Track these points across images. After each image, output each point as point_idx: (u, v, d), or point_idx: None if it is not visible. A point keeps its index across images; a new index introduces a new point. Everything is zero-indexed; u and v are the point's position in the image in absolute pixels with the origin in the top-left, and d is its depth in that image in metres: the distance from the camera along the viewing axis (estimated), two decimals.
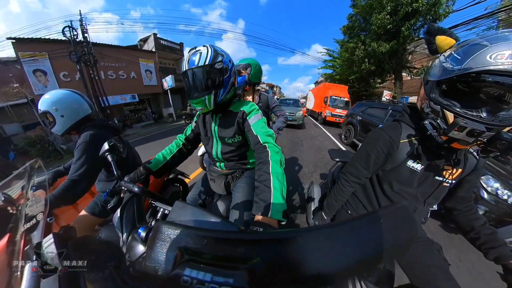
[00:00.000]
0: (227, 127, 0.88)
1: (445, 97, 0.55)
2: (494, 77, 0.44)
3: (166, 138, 7.07)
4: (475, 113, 0.49)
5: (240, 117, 0.84)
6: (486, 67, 0.44)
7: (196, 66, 0.72)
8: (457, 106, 0.52)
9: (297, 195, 2.45)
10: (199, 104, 0.76)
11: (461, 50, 0.51)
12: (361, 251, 0.17)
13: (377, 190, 0.78)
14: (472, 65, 0.47)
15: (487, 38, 0.47)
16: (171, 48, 15.68)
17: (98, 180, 1.15)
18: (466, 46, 0.50)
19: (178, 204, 0.45)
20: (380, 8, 8.60)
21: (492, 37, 0.47)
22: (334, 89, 9.98)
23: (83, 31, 8.52)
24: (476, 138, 0.48)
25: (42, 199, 0.40)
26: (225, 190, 1.03)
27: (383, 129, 0.73)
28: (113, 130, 1.16)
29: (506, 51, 0.42)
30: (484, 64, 0.45)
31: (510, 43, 0.43)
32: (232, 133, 0.87)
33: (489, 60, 0.44)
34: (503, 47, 0.43)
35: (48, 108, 0.97)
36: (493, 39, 0.46)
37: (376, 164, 0.73)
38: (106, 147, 0.69)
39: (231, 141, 0.90)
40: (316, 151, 4.62)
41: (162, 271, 0.21)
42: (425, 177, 0.68)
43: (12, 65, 9.17)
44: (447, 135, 0.53)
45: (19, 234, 0.35)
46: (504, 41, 0.44)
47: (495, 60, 0.43)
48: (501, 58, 0.43)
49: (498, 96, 0.47)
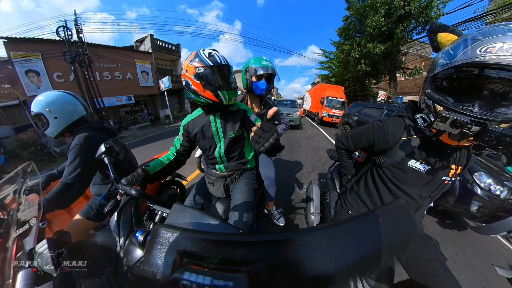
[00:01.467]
0: (232, 122, 0.94)
1: (439, 93, 0.55)
2: (482, 70, 0.44)
3: (163, 140, 7.00)
4: (466, 107, 0.49)
5: (242, 113, 0.95)
6: (474, 59, 0.44)
7: (230, 65, 0.85)
8: (449, 101, 0.52)
9: (295, 195, 2.46)
10: (234, 95, 0.87)
11: (455, 45, 0.51)
12: (361, 250, 0.17)
13: (381, 189, 0.78)
14: (462, 58, 0.46)
15: (482, 32, 0.46)
16: (168, 49, 15.58)
17: (92, 183, 1.13)
18: (460, 41, 0.50)
19: (176, 207, 0.45)
20: (373, 11, 8.80)
21: (487, 30, 0.45)
22: (331, 90, 10.10)
23: (78, 31, 8.38)
24: (460, 129, 0.47)
25: (35, 203, 0.39)
26: (224, 193, 1.02)
27: (386, 122, 0.74)
28: (108, 132, 1.14)
29: (497, 44, 0.41)
30: (474, 57, 0.44)
31: (503, 36, 0.42)
32: (237, 128, 0.94)
33: (478, 53, 0.43)
34: (495, 41, 0.42)
35: (41, 110, 0.95)
36: (487, 32, 0.44)
37: (361, 145, 0.84)
38: (103, 149, 0.68)
39: (234, 134, 0.94)
40: (314, 151, 4.65)
41: (160, 276, 0.21)
42: (430, 177, 0.68)
43: (3, 65, 8.94)
44: (431, 126, 0.53)
45: (11, 240, 0.34)
46: (498, 35, 0.42)
47: (485, 53, 0.42)
48: (491, 51, 0.42)
49: (491, 90, 0.46)
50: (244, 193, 0.93)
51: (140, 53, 13.84)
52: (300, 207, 2.16)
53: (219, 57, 0.81)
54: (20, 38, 8.38)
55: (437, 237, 0.83)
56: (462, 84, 0.51)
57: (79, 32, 8.39)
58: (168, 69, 16.50)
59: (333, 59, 14.91)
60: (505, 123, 0.45)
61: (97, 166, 1.02)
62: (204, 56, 0.80)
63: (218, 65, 0.80)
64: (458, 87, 0.52)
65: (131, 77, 12.81)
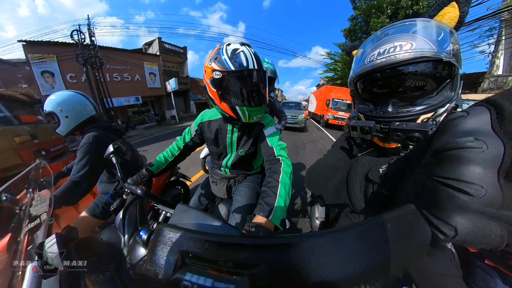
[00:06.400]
0: (246, 139, 0.85)
1: (364, 102, 0.57)
2: (373, 75, 0.49)
3: (168, 140, 7.12)
4: (379, 110, 0.51)
5: (258, 129, 0.82)
6: (364, 69, 0.48)
7: (265, 70, 0.65)
8: (369, 108, 0.55)
9: (299, 198, 2.43)
10: (261, 111, 0.70)
11: (355, 59, 0.56)
12: (368, 258, 0.17)
13: None
14: (356, 71, 0.52)
15: (363, 44, 0.51)
16: (175, 52, 15.97)
17: (99, 181, 1.16)
18: (355, 56, 0.55)
19: (180, 207, 0.45)
20: (379, 12, 8.71)
21: (366, 42, 0.51)
22: (336, 92, 10.00)
23: (90, 35, 8.75)
24: (369, 134, 0.50)
25: (47, 199, 0.40)
26: (226, 193, 1.02)
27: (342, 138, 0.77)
28: (116, 131, 1.17)
29: (375, 51, 0.47)
30: (365, 67, 0.48)
31: (376, 45, 0.47)
32: (249, 145, 0.85)
33: (366, 64, 0.48)
34: (373, 49, 0.47)
35: (53, 109, 0.99)
36: (364, 44, 0.50)
37: None
38: (111, 149, 0.70)
39: (245, 152, 0.87)
40: (319, 154, 4.59)
41: (162, 275, 0.21)
42: None
43: (21, 66, 9.42)
44: (352, 137, 0.57)
45: (23, 234, 0.35)
46: (372, 43, 0.49)
47: (369, 61, 0.48)
48: (373, 58, 0.47)
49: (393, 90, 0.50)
50: (245, 196, 0.91)
51: (148, 55, 14.25)
52: (304, 210, 2.13)
53: (247, 58, 0.60)
54: (37, 41, 8.84)
55: None
56: (370, 91, 0.54)
57: (91, 35, 8.75)
58: (174, 71, 16.87)
59: (338, 60, 14.81)
60: (423, 115, 0.45)
61: (105, 165, 1.04)
62: (226, 55, 0.60)
63: (242, 71, 0.60)
64: (373, 94, 0.55)
65: (139, 78, 13.20)
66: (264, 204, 0.58)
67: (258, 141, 0.85)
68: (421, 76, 0.45)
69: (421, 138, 0.41)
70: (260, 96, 0.68)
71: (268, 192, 0.62)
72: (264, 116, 0.85)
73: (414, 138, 0.42)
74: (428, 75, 0.45)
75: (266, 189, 0.63)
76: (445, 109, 0.45)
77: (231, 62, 0.59)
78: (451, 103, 0.45)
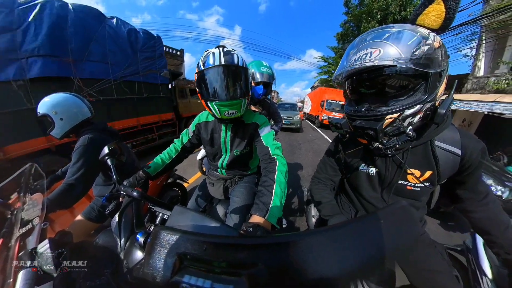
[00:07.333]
0: (240, 138, 0.86)
1: (349, 103, 0.60)
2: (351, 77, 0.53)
3: None
4: (358, 109, 0.54)
5: (253, 129, 0.84)
6: (346, 71, 0.52)
7: (236, 65, 0.67)
8: (352, 108, 0.57)
9: (296, 198, 2.44)
10: (234, 107, 0.70)
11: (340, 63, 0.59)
12: (363, 253, 0.17)
13: (352, 197, 0.78)
14: (337, 73, 0.56)
15: (348, 47, 0.56)
16: (172, 54, 15.81)
17: (95, 184, 1.14)
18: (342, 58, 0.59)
19: (177, 209, 0.45)
20: (369, 17, 8.96)
21: (349, 45, 0.55)
22: (330, 93, 10.12)
23: None
24: (341, 130, 0.59)
25: (39, 202, 0.39)
26: (223, 194, 1.02)
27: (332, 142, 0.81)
28: (112, 133, 1.15)
29: (354, 56, 0.49)
30: (344, 69, 0.52)
31: (352, 48, 0.51)
32: (244, 145, 0.86)
33: (345, 67, 0.51)
34: (354, 53, 0.50)
35: (47, 111, 0.97)
36: (348, 47, 0.55)
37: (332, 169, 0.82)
38: (106, 151, 0.69)
39: (240, 152, 0.88)
40: (314, 154, 4.63)
41: (160, 278, 0.21)
42: (387, 181, 0.64)
43: None
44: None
45: (14, 239, 0.34)
46: (352, 47, 0.52)
47: (347, 65, 0.50)
48: (351, 64, 0.49)
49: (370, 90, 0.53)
50: (242, 197, 0.91)
51: None
52: (301, 209, 2.13)
53: (214, 56, 0.66)
54: None
55: (439, 239, 0.79)
56: (358, 91, 0.57)
57: None
58: None
59: (332, 63, 15.05)
60: (389, 115, 0.48)
61: (100, 168, 1.03)
62: (201, 58, 0.70)
63: (209, 68, 0.66)
64: (361, 94, 0.57)
65: None
66: (260, 203, 0.58)
67: (253, 140, 0.86)
68: (392, 80, 0.48)
69: (374, 135, 0.47)
70: (229, 90, 0.69)
71: (264, 191, 0.62)
72: (258, 117, 0.87)
73: (369, 135, 0.48)
74: (396, 79, 0.48)
75: (262, 189, 0.64)
76: (413, 110, 0.47)
77: (202, 63, 0.69)
78: (423, 104, 0.47)
